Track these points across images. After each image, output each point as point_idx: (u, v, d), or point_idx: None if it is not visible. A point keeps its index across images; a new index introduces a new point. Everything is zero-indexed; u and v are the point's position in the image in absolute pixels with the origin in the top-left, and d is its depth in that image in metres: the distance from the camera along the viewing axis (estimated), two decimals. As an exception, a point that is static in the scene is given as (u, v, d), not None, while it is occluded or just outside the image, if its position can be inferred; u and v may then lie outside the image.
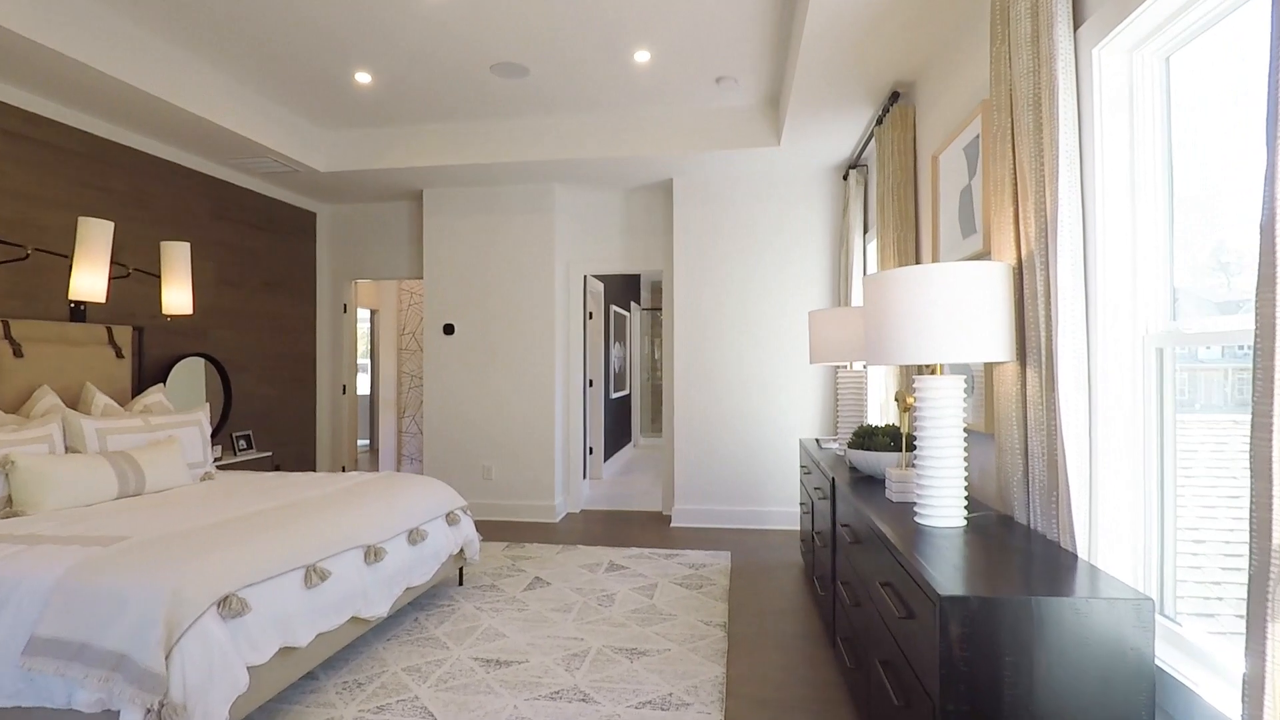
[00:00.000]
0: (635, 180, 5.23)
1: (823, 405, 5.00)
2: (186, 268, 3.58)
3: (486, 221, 5.38)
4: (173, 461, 3.26)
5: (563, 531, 4.94)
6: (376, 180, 5.17)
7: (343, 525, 2.68)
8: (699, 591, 3.60)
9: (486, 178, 5.15)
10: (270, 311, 5.26)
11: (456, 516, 3.49)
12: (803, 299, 5.02)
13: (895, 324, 1.93)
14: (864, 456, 2.71)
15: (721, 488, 5.11)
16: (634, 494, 6.37)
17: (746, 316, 5.08)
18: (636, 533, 4.89)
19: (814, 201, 5.03)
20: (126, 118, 3.80)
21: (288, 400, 5.44)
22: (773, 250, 5.06)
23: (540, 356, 5.31)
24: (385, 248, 5.89)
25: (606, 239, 5.58)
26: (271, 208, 5.31)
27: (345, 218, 5.94)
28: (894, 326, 1.93)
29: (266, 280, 5.23)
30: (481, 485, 5.39)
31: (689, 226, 5.15)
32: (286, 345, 5.45)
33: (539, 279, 5.31)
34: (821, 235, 5.02)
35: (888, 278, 1.95)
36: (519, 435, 5.34)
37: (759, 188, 5.09)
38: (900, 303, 1.90)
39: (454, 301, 5.42)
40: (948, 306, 1.81)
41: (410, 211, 5.85)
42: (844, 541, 2.52)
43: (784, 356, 5.03)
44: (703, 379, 5.12)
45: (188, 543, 2.20)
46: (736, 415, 5.08)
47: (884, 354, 1.98)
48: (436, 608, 3.35)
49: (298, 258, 5.62)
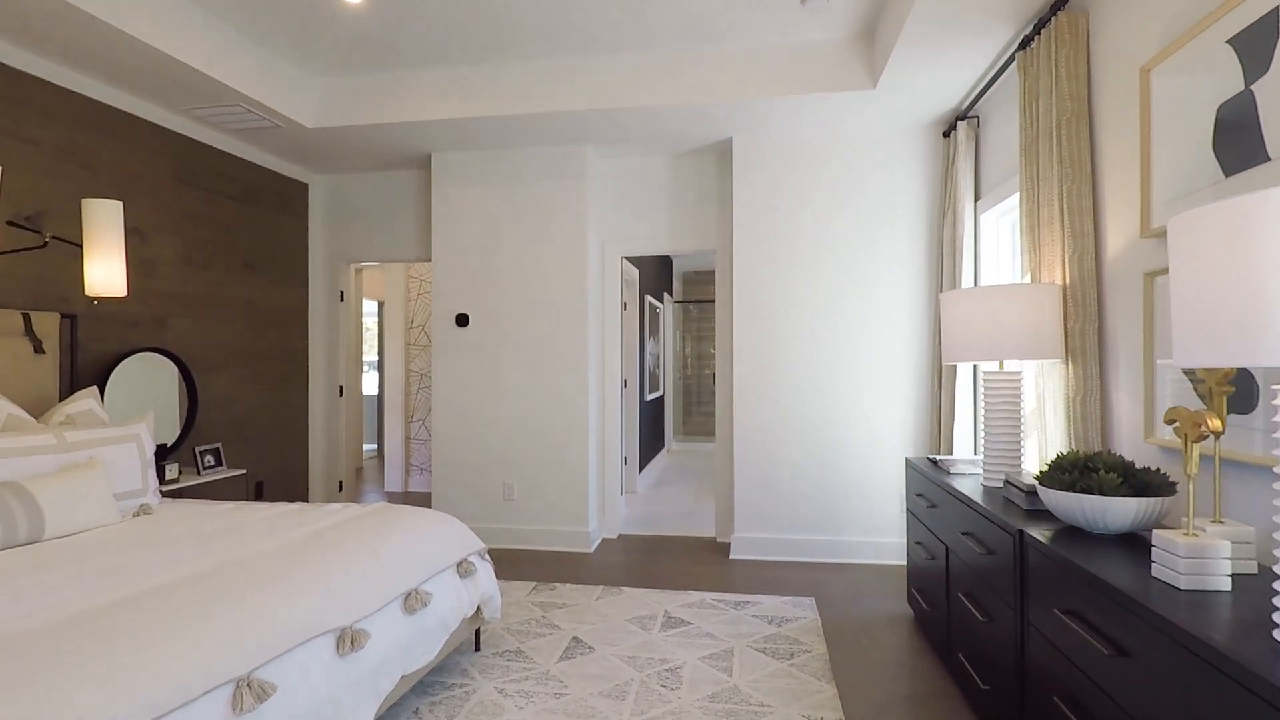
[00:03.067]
0: (685, 142, 4.33)
1: (917, 414, 4.08)
2: (118, 235, 2.73)
3: (507, 192, 4.51)
4: (91, 493, 2.41)
5: (601, 566, 4.06)
6: (376, 142, 4.31)
7: (303, 600, 1.81)
8: (791, 664, 2.71)
9: (506, 137, 4.27)
10: (250, 299, 4.42)
11: (471, 565, 2.62)
12: (889, 284, 4.11)
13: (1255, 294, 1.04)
14: (1077, 502, 1.81)
15: (791, 512, 4.21)
16: (677, 513, 5.48)
17: (822, 305, 4.17)
18: (690, 568, 4.00)
19: (906, 164, 4.11)
20: (51, 45, 2.96)
21: (272, 405, 4.61)
22: (855, 225, 4.15)
23: (571, 353, 4.43)
24: (389, 225, 5.04)
25: (649, 214, 4.69)
26: (253, 175, 4.46)
27: (342, 190, 5.09)
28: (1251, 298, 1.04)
29: (246, 261, 4.39)
30: (501, 508, 4.53)
31: (752, 197, 4.25)
32: (271, 339, 4.61)
33: (569, 261, 4.44)
34: (915, 206, 4.10)
35: (1252, 206, 1.05)
36: (547, 447, 4.47)
37: (838, 148, 4.17)
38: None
39: (468, 288, 4.56)
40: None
41: (417, 183, 4.99)
42: (1061, 633, 1.62)
43: (869, 353, 4.12)
44: (768, 382, 4.22)
45: (33, 655, 1.34)
46: (809, 425, 4.18)
47: (1230, 348, 1.09)
48: (444, 691, 2.49)
49: (285, 236, 4.78)
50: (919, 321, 4.09)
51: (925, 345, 4.08)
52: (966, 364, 3.58)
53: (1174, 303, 1.26)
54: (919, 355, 4.09)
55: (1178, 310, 1.25)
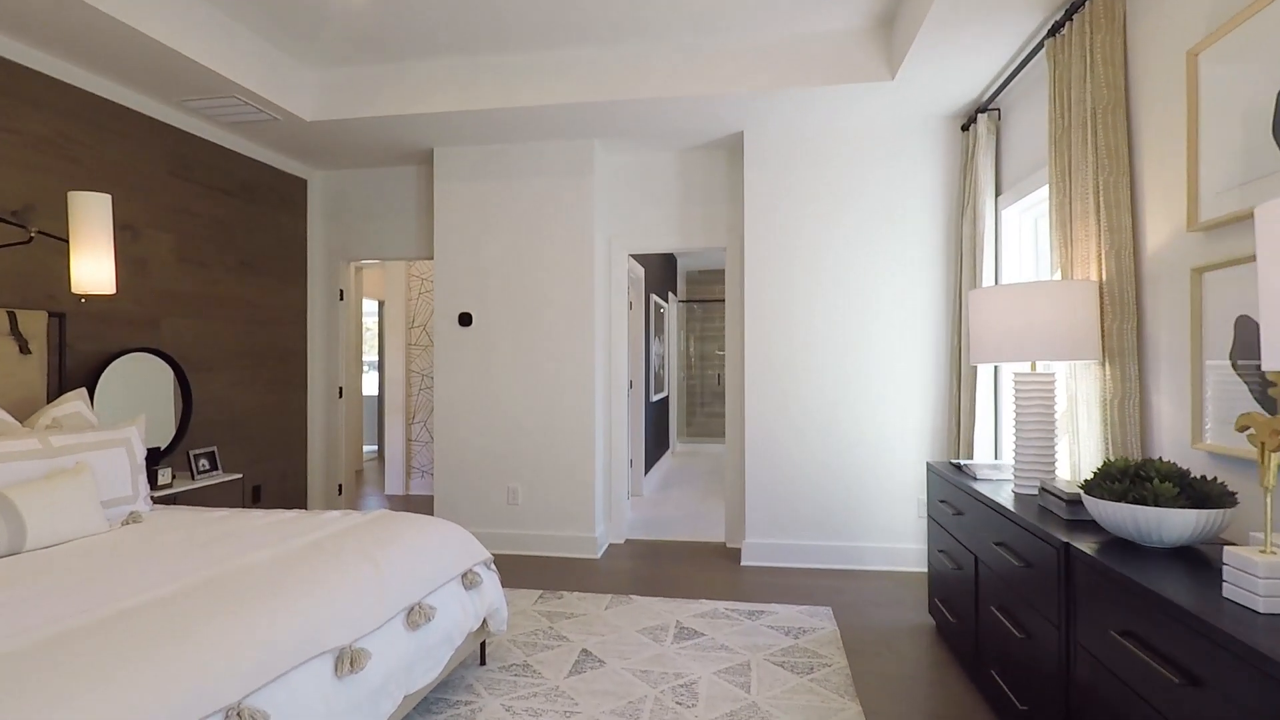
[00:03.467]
0: (695, 136, 4.21)
1: (934, 415, 3.95)
2: (106, 229, 2.60)
3: (511, 188, 4.39)
4: (77, 500, 2.29)
5: (608, 573, 3.94)
6: (376, 135, 4.19)
7: (300, 619, 1.69)
8: (812, 680, 2.59)
9: (510, 131, 4.15)
10: (247, 298, 4.30)
11: (476, 576, 2.50)
12: (905, 282, 3.98)
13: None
14: (1130, 513, 1.68)
15: (804, 517, 4.08)
16: (684, 516, 5.36)
17: (834, 303, 4.05)
18: (701, 575, 3.88)
19: (923, 159, 3.99)
20: (38, 31, 2.84)
21: (270, 406, 4.48)
22: (868, 220, 4.03)
23: (577, 352, 4.31)
24: (390, 223, 4.92)
25: (657, 211, 4.57)
26: (250, 170, 4.34)
27: (342, 186, 4.97)
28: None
29: (243, 259, 4.27)
30: (506, 512, 4.40)
31: (763, 192, 4.13)
32: (268, 339, 4.49)
33: (575, 258, 4.31)
34: (931, 201, 3.98)
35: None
36: (551, 450, 4.34)
37: (851, 142, 4.05)
38: None
39: (471, 286, 4.44)
40: None
41: (419, 178, 4.87)
42: (1117, 656, 1.50)
43: (884, 353, 4.00)
44: (779, 382, 4.10)
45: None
46: (822, 427, 4.06)
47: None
48: (448, 709, 2.36)
49: (284, 233, 4.66)
50: (936, 320, 3.97)
51: (942, 344, 3.96)
52: (988, 365, 3.46)
53: (1263, 298, 1.14)
54: (936, 355, 3.97)
55: (1268, 306, 1.12)
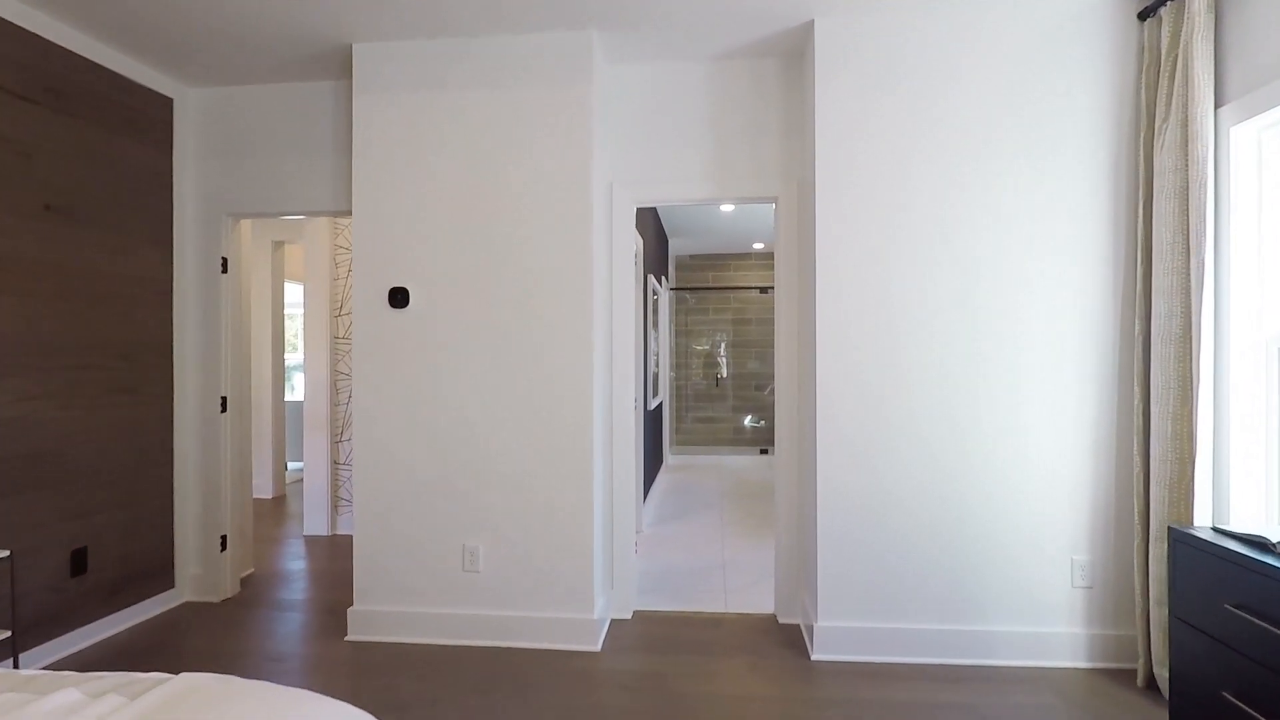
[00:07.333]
0: (736, 31, 2.88)
1: (1118, 448, 2.69)
2: None
3: (468, 105, 2.99)
4: None
5: (617, 688, 2.57)
6: (271, 22, 2.75)
7: None
8: None
9: (466, 14, 2.76)
10: (61, 261, 2.82)
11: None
12: (1057, 247, 2.72)
13: None
14: None
15: (908, 590, 2.79)
16: (702, 566, 4.02)
17: (948, 279, 2.76)
18: (761, 686, 2.55)
19: (1078, 67, 2.72)
20: None
21: (105, 427, 3.01)
22: (1000, 158, 2.75)
23: (567, 344, 2.94)
24: (296, 163, 3.46)
25: (679, 145, 3.22)
26: (78, 72, 2.86)
27: (224, 108, 3.49)
28: None
29: (51, 202, 2.79)
30: (458, 583, 3.00)
31: (845, 117, 2.81)
32: (104, 328, 3.01)
33: (565, 208, 2.94)
34: (1095, 128, 2.71)
35: None
36: (530, 486, 2.96)
37: (977, 43, 2.76)
38: None
39: (407, 250, 3.03)
40: None
41: (337, 98, 3.43)
42: None
43: (1029, 357, 2.73)
44: (867, 402, 2.79)
45: None
46: (933, 466, 2.77)
47: None
48: None
49: (132, 170, 3.18)
50: (1106, 302, 2.70)
51: (1112, 333, 2.70)
52: (1241, 369, 2.21)
53: None
54: (1105, 350, 2.70)
55: None
